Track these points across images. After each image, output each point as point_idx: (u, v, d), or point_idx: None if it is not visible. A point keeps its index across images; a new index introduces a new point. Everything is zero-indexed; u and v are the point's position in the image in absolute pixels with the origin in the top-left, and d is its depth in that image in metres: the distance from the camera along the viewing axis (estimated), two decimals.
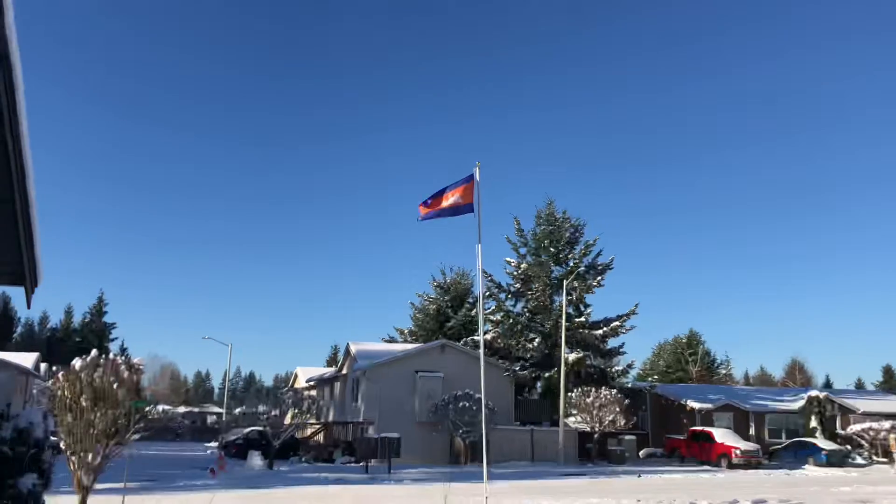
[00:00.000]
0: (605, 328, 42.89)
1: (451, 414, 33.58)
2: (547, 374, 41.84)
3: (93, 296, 75.93)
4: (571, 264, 44.35)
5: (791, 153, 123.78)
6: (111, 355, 12.11)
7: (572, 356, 40.43)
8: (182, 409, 77.24)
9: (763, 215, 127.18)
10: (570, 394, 37.90)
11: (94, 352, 11.87)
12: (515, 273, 44.89)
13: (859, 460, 40.51)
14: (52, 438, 4.64)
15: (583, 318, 42.52)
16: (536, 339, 42.76)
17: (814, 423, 42.35)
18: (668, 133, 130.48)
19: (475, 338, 46.51)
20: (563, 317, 39.00)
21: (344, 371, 41.32)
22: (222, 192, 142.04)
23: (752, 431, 43.02)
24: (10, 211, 6.96)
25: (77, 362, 11.53)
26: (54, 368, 12.51)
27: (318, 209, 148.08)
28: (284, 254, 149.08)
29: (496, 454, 33.58)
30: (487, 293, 44.63)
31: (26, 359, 43.99)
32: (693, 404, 42.98)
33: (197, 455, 38.06)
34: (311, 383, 49.18)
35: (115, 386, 11.39)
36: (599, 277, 43.92)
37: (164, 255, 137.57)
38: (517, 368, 41.39)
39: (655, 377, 74.20)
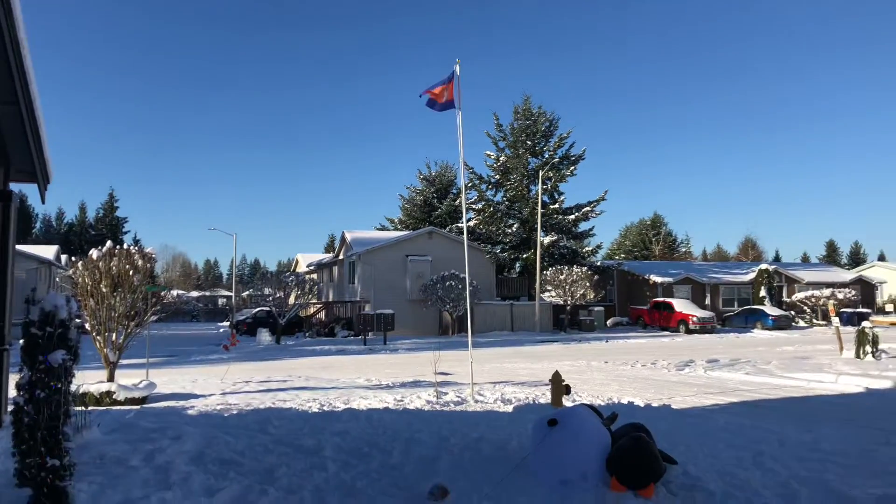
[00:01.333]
0: (576, 213, 43.31)
1: (439, 292, 34.23)
2: (524, 255, 42.60)
3: (104, 192, 75.08)
4: (546, 156, 44.27)
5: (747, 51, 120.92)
6: (125, 246, 12.10)
7: (547, 239, 41.11)
8: (195, 294, 78.00)
9: (721, 108, 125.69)
10: (545, 272, 38.62)
11: (108, 243, 11.86)
12: (495, 165, 44.74)
13: (802, 324, 42.14)
14: (77, 320, 4.73)
15: (557, 205, 42.84)
16: (515, 225, 43.21)
17: (763, 292, 43.57)
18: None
19: (459, 225, 46.81)
20: (539, 204, 39.16)
21: (341, 257, 41.66)
22: (223, 86, 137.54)
23: (707, 301, 44.28)
24: (17, 112, 6.80)
25: (94, 252, 11.55)
26: (73, 259, 12.37)
27: (316, 101, 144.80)
28: (282, 146, 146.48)
29: (480, 326, 34.62)
30: (470, 184, 44.59)
31: (47, 251, 43.84)
32: (655, 278, 43.94)
33: (211, 333, 38.89)
34: (312, 268, 49.54)
35: (130, 273, 11.48)
36: (572, 167, 43.87)
37: (168, 151, 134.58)
38: (498, 251, 41.98)
39: (622, 255, 75.55)
